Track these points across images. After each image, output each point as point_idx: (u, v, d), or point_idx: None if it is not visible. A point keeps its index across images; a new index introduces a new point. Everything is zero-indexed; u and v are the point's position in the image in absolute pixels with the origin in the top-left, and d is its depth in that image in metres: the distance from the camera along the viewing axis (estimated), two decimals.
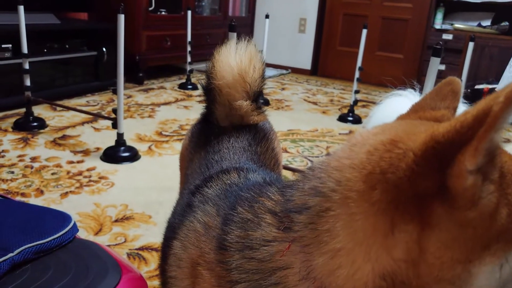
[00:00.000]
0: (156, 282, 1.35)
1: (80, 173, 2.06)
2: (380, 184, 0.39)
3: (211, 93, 0.93)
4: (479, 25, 4.40)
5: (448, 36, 4.38)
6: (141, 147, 2.43)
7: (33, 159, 2.18)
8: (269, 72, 5.05)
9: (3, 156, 2.18)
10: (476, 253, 0.38)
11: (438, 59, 1.58)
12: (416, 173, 0.38)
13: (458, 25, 4.46)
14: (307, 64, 5.32)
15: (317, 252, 0.42)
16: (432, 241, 0.38)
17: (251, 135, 0.90)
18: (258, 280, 0.46)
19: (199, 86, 1.02)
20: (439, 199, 0.38)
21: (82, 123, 2.79)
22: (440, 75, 1.77)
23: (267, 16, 3.65)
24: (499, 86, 3.10)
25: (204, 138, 0.93)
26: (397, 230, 0.38)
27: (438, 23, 4.58)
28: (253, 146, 0.88)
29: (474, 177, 0.37)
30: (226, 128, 0.92)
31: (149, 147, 2.48)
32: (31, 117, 2.64)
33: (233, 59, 0.90)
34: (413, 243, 0.38)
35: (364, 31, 3.21)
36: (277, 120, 3.29)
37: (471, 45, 2.91)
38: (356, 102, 3.39)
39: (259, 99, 0.93)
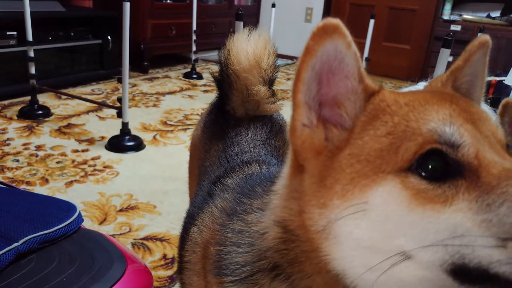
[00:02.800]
0: (161, 272, 1.35)
1: (85, 162, 2.06)
2: (290, 157, 0.48)
3: (228, 80, 0.91)
4: (488, 16, 4.34)
5: (456, 27, 4.33)
6: (145, 137, 2.42)
7: (38, 148, 2.18)
8: None
9: (8, 144, 2.18)
10: (327, 196, 0.40)
11: (448, 51, 1.56)
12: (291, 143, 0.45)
13: (467, 16, 4.40)
14: None
15: (266, 213, 0.51)
16: (303, 192, 0.43)
17: (268, 128, 0.91)
18: (240, 240, 0.53)
19: (209, 74, 1.00)
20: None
21: (87, 112, 2.78)
22: (448, 67, 1.74)
23: (273, 5, 3.61)
24: (507, 78, 3.06)
25: (220, 129, 0.93)
26: (292, 187, 0.45)
27: (446, 14, 4.52)
28: (271, 139, 0.89)
29: (305, 129, 0.42)
30: (242, 119, 0.92)
31: (154, 137, 2.47)
32: (36, 105, 2.63)
33: (249, 45, 0.90)
34: (297, 196, 0.44)
35: (372, 21, 3.17)
36: (282, 110, 3.25)
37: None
38: None
39: (273, 86, 0.94)
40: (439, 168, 0.38)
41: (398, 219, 0.38)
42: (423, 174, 0.38)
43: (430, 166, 0.38)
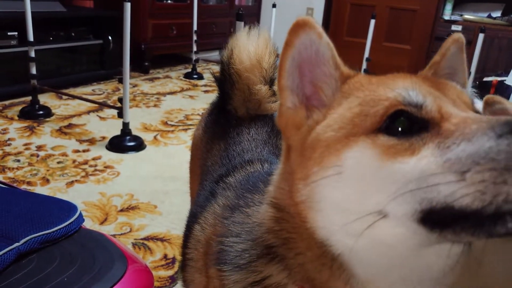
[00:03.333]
0: (162, 272, 1.35)
1: (85, 162, 2.06)
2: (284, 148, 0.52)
3: (230, 79, 0.92)
4: (489, 16, 4.33)
5: (457, 27, 4.33)
6: (146, 137, 2.42)
7: (39, 148, 2.18)
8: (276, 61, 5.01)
9: (9, 145, 2.18)
10: (307, 167, 0.44)
11: None
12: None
13: (468, 16, 4.39)
14: None
15: (263, 203, 0.54)
16: (289, 171, 0.47)
17: (269, 127, 0.92)
18: (241, 230, 0.55)
19: (210, 75, 1.02)
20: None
21: (88, 112, 2.78)
22: None
23: (274, 5, 3.61)
24: (508, 79, 3.06)
25: (222, 129, 0.93)
26: (283, 171, 0.49)
27: (447, 14, 4.51)
28: (273, 138, 0.90)
29: (290, 111, 0.47)
30: (244, 119, 0.92)
31: (155, 137, 2.47)
32: (37, 106, 2.64)
33: (250, 44, 0.91)
34: (285, 177, 0.48)
35: (372, 22, 3.17)
36: None
37: (481, 36, 2.87)
38: None
39: (273, 85, 0.95)
40: (406, 127, 0.41)
41: (370, 176, 0.40)
42: (392, 133, 0.41)
43: (397, 125, 0.41)
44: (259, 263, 0.50)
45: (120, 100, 2.22)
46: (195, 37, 3.87)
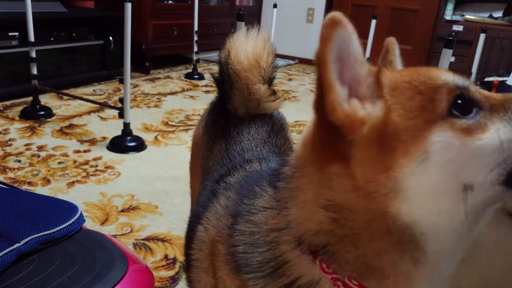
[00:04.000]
0: (163, 272, 1.35)
1: (86, 163, 2.06)
2: (308, 145, 0.51)
3: (229, 79, 0.93)
4: (491, 16, 4.33)
5: (458, 28, 4.32)
6: (147, 137, 2.42)
7: (40, 148, 2.18)
8: (276, 62, 5.01)
9: (10, 145, 2.18)
10: (389, 160, 0.44)
11: (450, 51, 1.55)
12: (318, 129, 0.49)
13: (469, 16, 4.39)
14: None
15: (291, 207, 0.51)
16: (356, 167, 0.46)
17: (269, 126, 0.93)
18: (254, 241, 0.54)
19: (210, 75, 1.03)
20: (339, 136, 0.46)
21: (89, 112, 2.78)
22: (450, 67, 1.74)
23: (275, 6, 3.61)
24: (510, 79, 3.06)
25: (222, 128, 0.94)
26: (331, 172, 0.47)
27: (448, 14, 4.51)
28: (272, 137, 0.91)
29: (347, 105, 0.45)
30: (243, 118, 0.93)
31: (155, 137, 2.47)
32: (38, 106, 2.64)
33: (248, 44, 0.92)
34: (344, 176, 0.46)
35: (373, 22, 3.17)
36: (283, 111, 3.26)
37: (482, 36, 2.86)
38: None
39: (272, 84, 0.96)
40: (466, 107, 0.45)
41: (456, 156, 0.44)
42: (460, 115, 0.45)
43: (461, 108, 0.45)
44: (287, 267, 0.51)
45: (121, 100, 2.22)
46: (196, 38, 3.88)
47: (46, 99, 2.90)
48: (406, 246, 0.46)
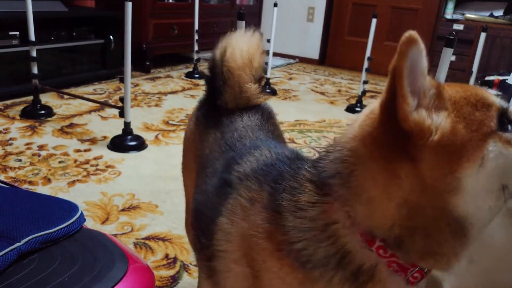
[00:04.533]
0: (163, 272, 1.35)
1: (87, 162, 2.06)
2: (371, 145, 0.55)
3: (222, 76, 0.95)
4: (491, 15, 4.32)
5: (459, 26, 4.32)
6: (148, 136, 2.43)
7: (41, 147, 2.18)
8: (277, 61, 5.01)
9: (10, 144, 2.18)
10: (455, 163, 0.52)
11: (451, 50, 1.55)
12: (385, 130, 0.54)
13: (470, 15, 4.38)
14: (315, 54, 5.27)
15: (356, 204, 0.55)
16: (424, 168, 0.52)
17: (259, 114, 0.96)
18: (313, 237, 0.58)
19: (205, 71, 1.06)
20: (409, 139, 0.53)
21: (89, 112, 2.79)
22: (451, 66, 1.74)
23: (275, 5, 3.61)
24: (510, 78, 3.05)
25: (214, 119, 0.96)
26: (400, 172, 0.53)
27: (449, 13, 4.51)
28: (264, 124, 0.95)
29: (417, 114, 0.52)
30: (234, 110, 0.96)
31: (156, 136, 2.47)
32: (38, 105, 2.64)
33: (244, 43, 0.96)
34: (413, 176, 0.53)
35: (374, 21, 3.17)
36: (284, 110, 3.27)
37: (483, 35, 2.86)
38: (364, 92, 3.36)
39: (261, 83, 1.00)
40: (508, 124, 0.56)
41: (502, 163, 0.54)
42: (505, 130, 0.55)
43: (504, 124, 0.56)
44: (351, 257, 0.57)
45: (122, 99, 2.22)
46: (196, 37, 3.87)
47: (47, 99, 2.90)
48: (459, 234, 0.55)
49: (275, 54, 4.91)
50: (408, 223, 0.54)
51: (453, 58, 4.16)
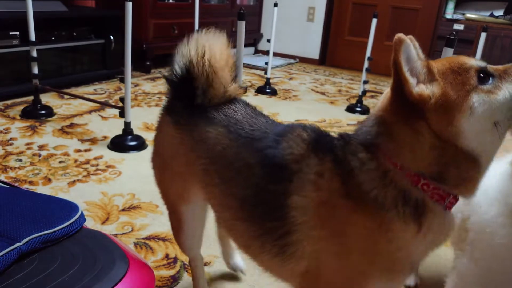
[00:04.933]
0: (164, 271, 1.35)
1: (87, 162, 2.06)
2: (393, 115, 0.74)
3: (205, 77, 0.94)
4: (491, 15, 4.32)
5: (459, 26, 4.32)
6: (148, 136, 2.42)
7: (41, 147, 2.18)
8: (277, 61, 5.01)
9: (11, 144, 2.19)
10: (451, 116, 0.70)
11: (451, 50, 1.55)
12: (399, 104, 0.73)
13: (470, 15, 4.38)
14: (315, 54, 5.27)
15: (399, 154, 0.74)
16: (432, 123, 0.71)
17: (240, 104, 0.98)
18: (380, 184, 0.74)
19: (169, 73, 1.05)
20: (418, 106, 0.72)
21: (90, 112, 2.79)
22: None
23: (275, 5, 3.61)
24: None
25: (203, 117, 0.95)
26: (420, 128, 0.72)
27: (449, 13, 4.50)
28: (254, 111, 0.97)
29: (418, 89, 0.71)
30: (217, 105, 0.96)
31: None
32: (39, 105, 2.64)
33: (218, 44, 0.98)
34: (428, 129, 0.72)
35: (374, 21, 3.17)
36: (284, 110, 3.27)
37: (483, 35, 2.85)
38: (364, 92, 3.36)
39: (235, 80, 1.01)
40: (486, 78, 0.72)
41: (489, 108, 0.71)
42: (484, 83, 0.72)
43: (484, 79, 0.72)
44: (408, 195, 0.73)
45: (122, 99, 2.22)
46: None
47: (47, 98, 2.90)
48: (474, 163, 0.72)
49: (275, 54, 4.91)
50: (440, 160, 0.72)
51: None
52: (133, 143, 2.28)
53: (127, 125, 2.27)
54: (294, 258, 0.80)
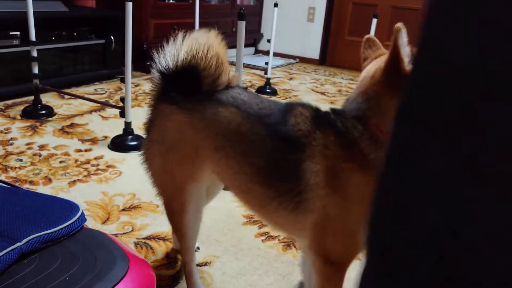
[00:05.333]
0: (164, 271, 1.35)
1: (88, 162, 2.07)
2: (385, 87, 0.90)
3: (217, 68, 1.07)
4: None
5: None
6: None
7: (41, 147, 2.18)
8: (277, 61, 5.01)
9: (11, 144, 2.19)
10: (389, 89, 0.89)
11: None
12: (392, 77, 0.88)
13: None
14: (315, 54, 5.27)
15: (386, 123, 0.89)
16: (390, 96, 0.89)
17: (244, 89, 1.12)
18: (377, 150, 0.88)
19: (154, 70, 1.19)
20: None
21: (90, 112, 2.79)
22: None
23: (275, 5, 3.61)
24: None
25: (215, 99, 1.06)
26: (386, 98, 0.90)
27: None
28: (256, 94, 1.10)
29: (409, 65, 0.82)
30: (221, 91, 1.09)
31: None
32: (39, 105, 2.64)
33: (215, 42, 1.09)
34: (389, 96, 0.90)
35: (374, 21, 3.17)
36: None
37: None
38: None
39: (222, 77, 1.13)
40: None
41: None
42: None
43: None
44: (380, 141, 0.89)
45: (122, 99, 2.22)
46: None
47: (48, 98, 2.91)
48: None
49: (275, 54, 4.90)
50: (380, 106, 0.90)
51: None
52: (134, 143, 2.28)
53: (127, 125, 2.27)
54: (307, 212, 0.94)
